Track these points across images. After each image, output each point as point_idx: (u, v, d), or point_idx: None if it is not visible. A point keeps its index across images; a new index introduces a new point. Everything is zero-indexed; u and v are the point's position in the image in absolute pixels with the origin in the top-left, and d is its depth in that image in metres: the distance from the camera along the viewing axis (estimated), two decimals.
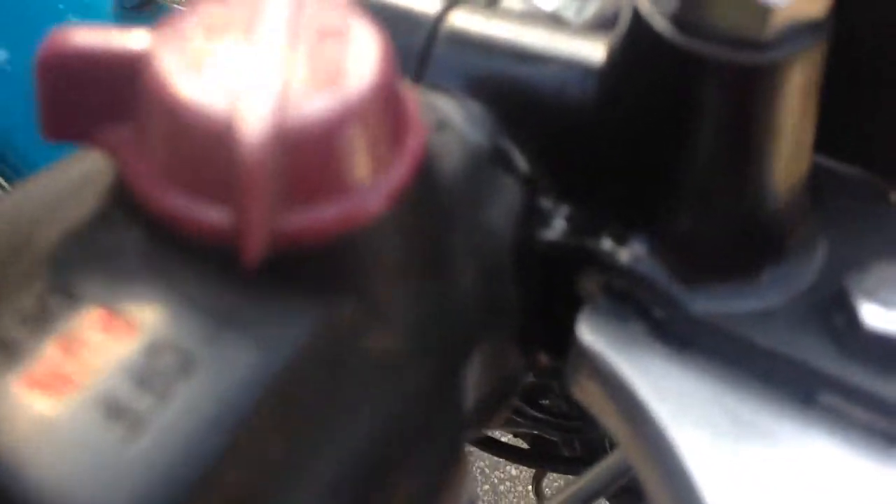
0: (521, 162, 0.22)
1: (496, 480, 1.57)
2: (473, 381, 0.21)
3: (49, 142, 0.17)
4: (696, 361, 0.22)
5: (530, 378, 0.86)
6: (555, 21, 0.26)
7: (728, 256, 0.22)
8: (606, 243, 0.22)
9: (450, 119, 0.21)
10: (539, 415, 0.81)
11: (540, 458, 0.88)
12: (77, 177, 0.18)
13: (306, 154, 0.16)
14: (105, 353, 0.15)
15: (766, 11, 0.18)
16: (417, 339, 0.18)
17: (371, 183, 0.17)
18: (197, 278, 0.16)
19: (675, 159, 0.21)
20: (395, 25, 0.23)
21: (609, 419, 0.23)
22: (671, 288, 0.22)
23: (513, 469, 1.58)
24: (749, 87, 0.19)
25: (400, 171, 0.17)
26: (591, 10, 0.26)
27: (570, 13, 0.26)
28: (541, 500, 0.89)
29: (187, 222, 0.16)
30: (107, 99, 0.17)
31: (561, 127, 0.22)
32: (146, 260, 0.16)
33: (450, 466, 0.19)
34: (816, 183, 0.24)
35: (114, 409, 0.15)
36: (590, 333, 0.22)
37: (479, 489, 1.55)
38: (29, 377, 0.15)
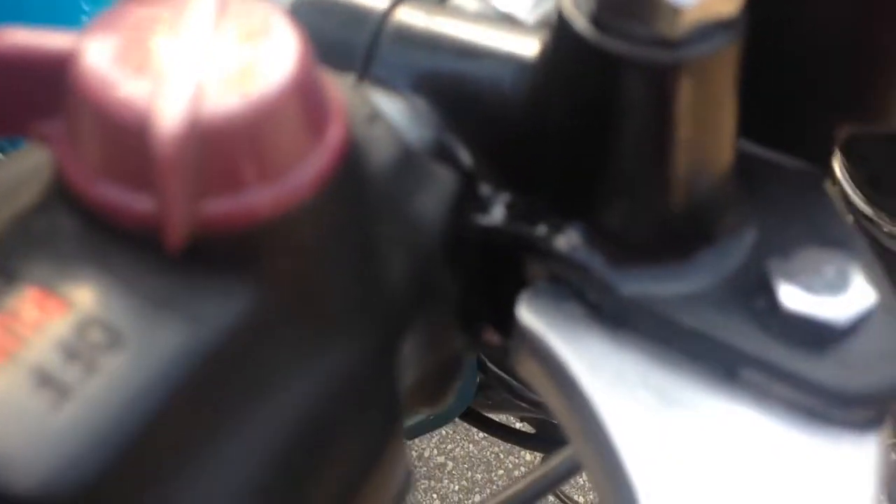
0: (462, 153, 0.24)
1: (510, 465, 1.59)
2: (411, 361, 0.22)
3: None
4: (628, 341, 0.23)
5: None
6: (508, 21, 0.27)
7: (657, 243, 0.23)
8: (543, 232, 0.23)
9: (383, 112, 0.22)
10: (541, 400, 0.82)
11: (546, 441, 0.90)
12: (26, 168, 0.20)
13: (220, 146, 0.17)
14: (38, 329, 0.17)
15: (675, 12, 0.20)
16: (344, 322, 0.20)
17: (290, 172, 0.18)
18: (128, 262, 0.18)
19: (602, 153, 0.22)
20: (343, 22, 0.24)
21: (548, 395, 0.24)
22: (604, 273, 0.23)
23: (527, 454, 1.60)
24: (663, 85, 0.20)
25: (320, 162, 0.18)
26: (542, 10, 0.27)
27: (523, 14, 0.27)
28: None
29: (116, 210, 0.17)
30: (40, 94, 0.18)
31: (497, 121, 0.23)
32: (81, 244, 0.18)
33: (384, 446, 0.21)
34: (748, 172, 0.25)
35: (43, 380, 0.16)
36: (529, 314, 0.24)
37: (493, 474, 1.57)
38: None
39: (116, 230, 0.18)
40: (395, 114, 0.23)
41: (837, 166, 0.53)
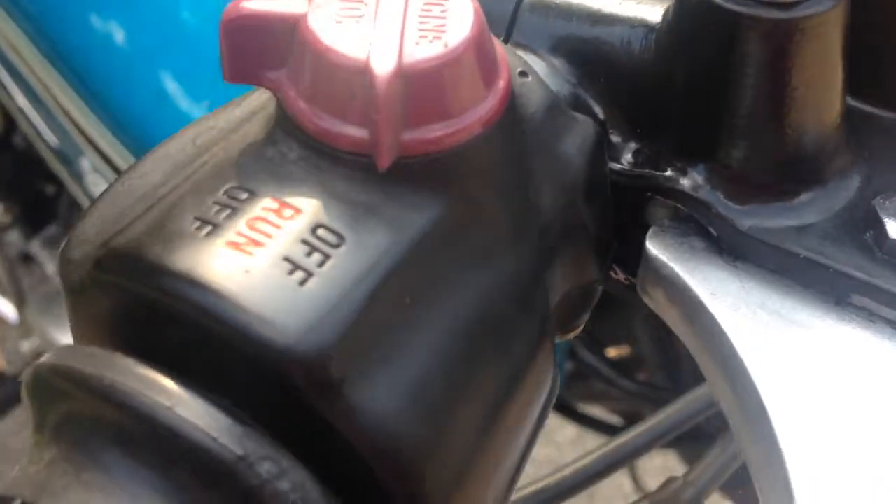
0: (595, 106, 0.27)
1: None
2: (555, 283, 0.26)
3: (231, 83, 0.23)
4: (745, 271, 0.27)
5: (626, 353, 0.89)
6: None
7: (772, 181, 0.26)
8: (669, 174, 0.27)
9: (531, 69, 0.26)
10: (635, 387, 0.84)
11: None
12: (244, 112, 0.24)
13: (421, 86, 0.22)
14: (280, 229, 0.21)
15: None
16: (510, 237, 0.24)
17: (470, 110, 0.22)
18: (343, 179, 0.22)
19: (724, 102, 0.25)
20: None
21: (672, 320, 0.28)
22: (725, 209, 0.26)
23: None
24: (780, 42, 0.24)
25: (491, 104, 0.23)
26: None
27: None
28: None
29: (334, 138, 0.22)
30: (271, 50, 0.23)
31: (628, 78, 0.27)
32: (305, 167, 0.22)
33: (541, 347, 0.24)
34: (855, 125, 0.28)
35: (291, 264, 0.20)
36: (655, 248, 0.27)
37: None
38: (229, 242, 0.20)
39: (332, 155, 0.22)
40: (539, 70, 0.26)
41: None
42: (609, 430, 0.94)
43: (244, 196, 0.21)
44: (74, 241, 0.22)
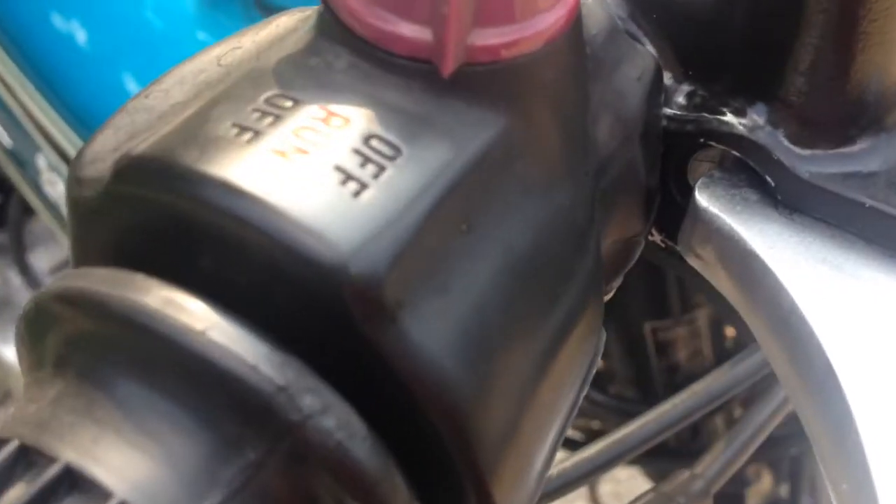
0: (648, 45, 0.25)
1: None
2: (603, 230, 0.23)
3: None
4: (803, 224, 0.25)
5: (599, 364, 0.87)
6: None
7: (834, 125, 0.24)
8: (724, 115, 0.25)
9: None
10: (605, 399, 0.82)
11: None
12: (275, 32, 0.22)
13: None
14: (330, 136, 0.18)
15: None
16: (567, 169, 0.21)
17: (539, 17, 0.20)
18: (397, 88, 0.19)
19: (791, 37, 0.23)
20: None
21: (722, 279, 0.26)
22: (784, 154, 0.24)
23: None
24: None
25: (560, 13, 0.20)
26: None
27: None
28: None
29: (391, 40, 0.19)
30: None
31: (686, 16, 0.25)
32: (354, 75, 0.20)
33: (588, 302, 0.22)
34: None
35: (346, 176, 0.18)
36: (706, 201, 0.25)
37: None
38: (273, 149, 0.18)
39: (384, 61, 0.20)
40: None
41: None
42: (570, 444, 0.92)
43: (288, 104, 0.19)
44: (86, 158, 0.20)
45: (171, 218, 0.18)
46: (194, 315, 0.17)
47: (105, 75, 0.72)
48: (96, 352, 0.17)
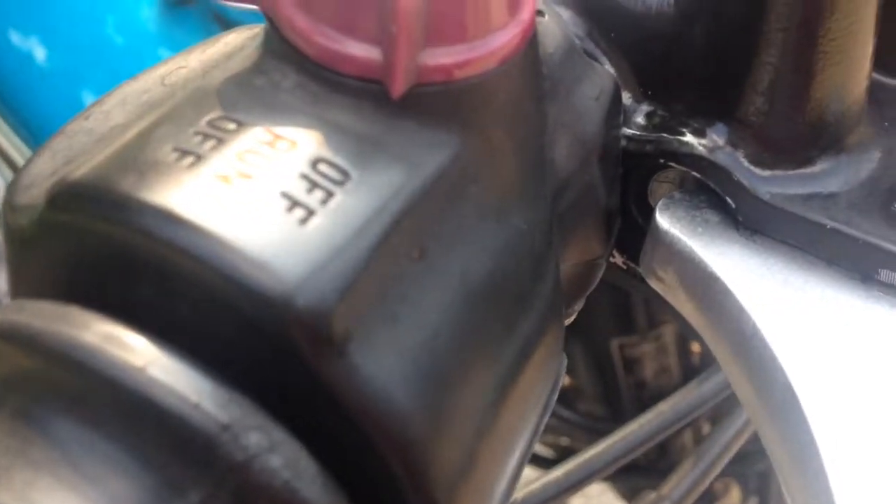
0: (606, 64, 0.25)
1: None
2: (562, 254, 0.23)
3: (225, 4, 0.20)
4: (765, 246, 0.24)
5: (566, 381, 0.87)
6: None
7: (793, 146, 0.24)
8: (684, 136, 0.24)
9: (549, 9, 0.23)
10: (574, 417, 0.82)
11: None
12: (221, 50, 0.21)
13: (441, 5, 0.18)
14: (275, 161, 0.18)
15: None
16: (523, 193, 0.21)
17: (492, 36, 0.19)
18: (346, 109, 0.19)
19: (750, 58, 0.23)
20: None
21: (682, 302, 0.25)
22: (745, 175, 0.24)
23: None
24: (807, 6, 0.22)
25: (514, 32, 0.20)
26: None
27: None
28: None
29: (338, 59, 0.19)
30: None
31: (644, 34, 0.24)
32: (301, 96, 0.19)
33: (551, 323, 0.21)
34: (878, 98, 0.26)
35: (290, 200, 0.17)
36: (667, 222, 0.25)
37: None
38: (215, 174, 0.17)
39: (335, 82, 0.19)
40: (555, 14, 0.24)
41: None
42: (539, 461, 0.92)
43: (232, 126, 0.18)
44: (21, 184, 0.19)
45: (109, 248, 0.17)
46: (134, 351, 0.16)
47: (65, 93, 0.71)
48: (32, 389, 0.17)
